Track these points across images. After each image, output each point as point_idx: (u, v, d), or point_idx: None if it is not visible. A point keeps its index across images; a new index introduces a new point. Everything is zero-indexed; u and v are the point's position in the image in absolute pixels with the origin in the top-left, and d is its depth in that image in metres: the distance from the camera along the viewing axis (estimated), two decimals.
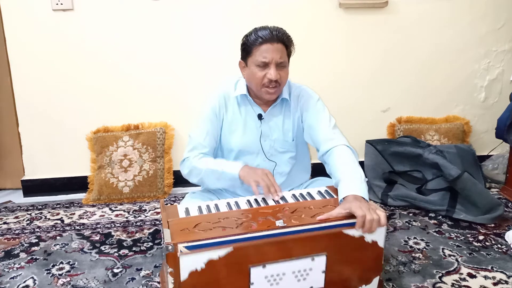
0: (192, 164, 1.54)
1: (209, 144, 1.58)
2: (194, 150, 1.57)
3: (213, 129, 1.60)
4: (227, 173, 1.46)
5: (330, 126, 1.54)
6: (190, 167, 1.55)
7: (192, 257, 1.10)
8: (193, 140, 1.59)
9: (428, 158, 2.27)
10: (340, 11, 2.51)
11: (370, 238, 1.23)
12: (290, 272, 1.19)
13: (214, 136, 1.60)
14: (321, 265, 1.21)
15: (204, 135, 1.58)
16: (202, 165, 1.52)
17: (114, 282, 1.65)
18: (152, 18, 2.42)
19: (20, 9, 2.35)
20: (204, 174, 1.52)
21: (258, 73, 1.49)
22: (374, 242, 1.24)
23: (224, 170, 1.47)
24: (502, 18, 2.64)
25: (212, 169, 1.49)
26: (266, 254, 1.16)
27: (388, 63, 2.63)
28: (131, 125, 2.55)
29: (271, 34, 1.46)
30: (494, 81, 2.75)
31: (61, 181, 2.59)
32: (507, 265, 1.71)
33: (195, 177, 1.56)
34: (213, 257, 1.11)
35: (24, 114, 2.50)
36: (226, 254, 1.12)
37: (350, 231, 1.20)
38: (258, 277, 1.17)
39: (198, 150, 1.57)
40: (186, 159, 1.58)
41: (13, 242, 1.98)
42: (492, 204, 2.06)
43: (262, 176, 1.40)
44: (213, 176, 1.50)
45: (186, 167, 1.57)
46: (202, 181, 1.55)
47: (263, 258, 1.16)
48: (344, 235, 1.21)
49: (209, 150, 1.58)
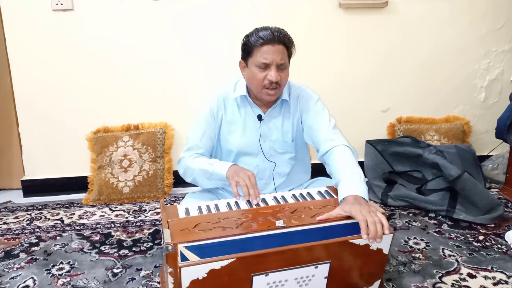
0: (187, 164, 1.56)
1: (205, 145, 1.59)
2: (189, 150, 1.59)
3: (210, 130, 1.60)
4: (216, 173, 1.47)
5: (330, 127, 1.54)
6: (184, 167, 1.58)
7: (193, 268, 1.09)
8: (190, 140, 1.60)
9: (428, 158, 2.27)
10: (340, 11, 2.51)
11: (376, 246, 1.21)
12: (293, 279, 1.18)
13: (211, 137, 1.61)
14: (324, 272, 1.20)
15: (200, 136, 1.59)
16: (195, 165, 1.53)
17: (114, 282, 1.65)
18: (152, 18, 2.42)
19: (20, 9, 2.35)
20: (197, 174, 1.53)
21: (258, 74, 1.48)
22: (379, 250, 1.22)
23: (214, 170, 1.47)
24: (502, 18, 2.64)
25: (204, 169, 1.50)
26: (269, 263, 1.14)
27: (388, 63, 2.63)
28: (131, 125, 2.55)
29: (272, 35, 1.45)
30: (494, 81, 2.75)
31: (61, 181, 2.59)
32: (507, 265, 1.71)
33: (189, 177, 1.58)
34: (215, 267, 1.10)
35: (24, 114, 2.50)
36: (228, 264, 1.10)
37: (356, 241, 1.18)
38: (260, 284, 1.16)
39: (194, 151, 1.58)
40: (182, 158, 1.60)
41: (13, 242, 1.98)
42: (492, 204, 2.06)
43: (244, 177, 1.38)
44: (204, 176, 1.51)
45: (181, 167, 1.60)
46: (195, 180, 1.57)
47: (266, 267, 1.15)
48: (350, 244, 1.18)
49: (204, 150, 1.59)
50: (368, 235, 1.15)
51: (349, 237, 1.18)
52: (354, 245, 1.19)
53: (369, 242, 1.17)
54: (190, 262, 1.09)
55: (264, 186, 1.66)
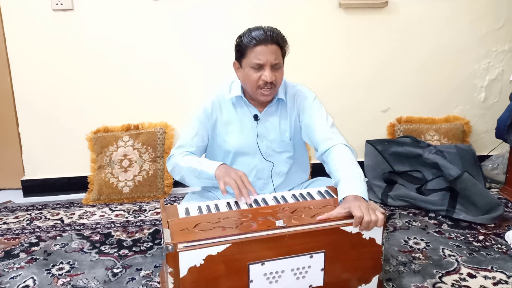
0: (176, 161, 1.55)
1: (196, 144, 1.59)
2: (180, 148, 1.59)
3: (202, 130, 1.60)
4: (205, 172, 1.46)
5: (328, 125, 1.54)
6: (173, 164, 1.57)
7: (191, 252, 1.10)
8: (181, 139, 1.61)
9: (428, 158, 2.27)
10: (340, 11, 2.51)
11: (368, 235, 1.23)
12: (289, 270, 1.20)
13: (203, 137, 1.61)
14: (319, 262, 1.21)
15: (193, 135, 1.59)
16: (184, 163, 1.52)
17: (114, 282, 1.65)
18: (152, 18, 2.42)
19: (20, 9, 2.35)
20: (185, 172, 1.52)
21: (253, 75, 1.48)
22: (371, 239, 1.24)
23: (203, 169, 1.47)
24: (502, 18, 2.64)
25: (192, 168, 1.49)
26: (264, 250, 1.16)
27: (388, 63, 2.63)
28: (131, 125, 2.55)
29: (265, 35, 1.45)
30: (494, 81, 2.75)
31: (61, 181, 2.59)
32: (507, 265, 1.71)
33: (177, 175, 1.57)
34: (211, 253, 1.12)
35: (24, 114, 2.50)
36: (224, 249, 1.12)
37: (347, 228, 1.21)
38: (257, 275, 1.17)
39: (184, 149, 1.58)
40: (172, 156, 1.59)
41: (13, 242, 1.98)
42: (492, 204, 2.06)
43: (235, 177, 1.38)
44: (192, 174, 1.50)
45: (170, 164, 1.59)
46: (183, 179, 1.56)
47: (261, 254, 1.16)
48: (341, 231, 1.21)
49: (195, 149, 1.59)
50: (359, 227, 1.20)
51: (340, 224, 1.21)
52: (346, 233, 1.21)
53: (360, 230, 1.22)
54: (188, 247, 1.10)
55: (263, 186, 1.66)
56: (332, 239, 1.21)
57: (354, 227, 1.20)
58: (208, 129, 1.62)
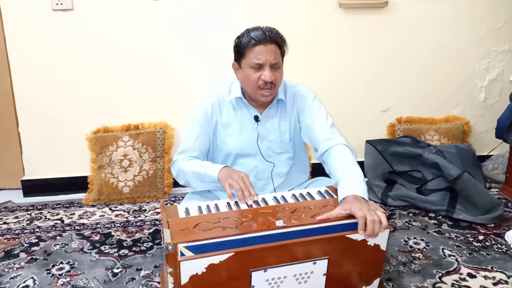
0: (180, 166, 1.57)
1: (199, 148, 1.60)
2: (183, 153, 1.60)
3: (203, 133, 1.61)
4: (208, 176, 1.48)
5: (328, 126, 1.54)
6: (177, 169, 1.58)
7: (193, 262, 1.09)
8: (183, 143, 1.61)
9: (428, 158, 2.27)
10: (340, 11, 2.51)
11: (373, 242, 1.22)
12: (291, 275, 1.19)
13: (204, 140, 1.61)
14: (322, 268, 1.21)
15: (194, 139, 1.59)
16: (187, 168, 1.53)
17: (114, 282, 1.65)
18: (152, 18, 2.42)
19: (20, 9, 2.35)
20: (189, 176, 1.54)
21: (252, 75, 1.48)
22: (376, 246, 1.23)
23: (206, 173, 1.48)
24: (502, 18, 2.64)
25: (196, 172, 1.51)
26: (268, 259, 1.15)
27: (388, 63, 2.63)
28: (131, 125, 2.55)
29: (264, 35, 1.45)
30: (494, 81, 2.75)
31: (61, 181, 2.59)
32: (507, 265, 1.71)
33: (181, 179, 1.59)
34: (214, 262, 1.11)
35: (24, 114, 2.50)
36: (227, 259, 1.11)
37: (353, 235, 1.19)
38: (260, 281, 1.17)
39: (187, 153, 1.59)
40: (175, 161, 1.60)
41: (13, 242, 1.98)
42: (492, 204, 2.06)
43: (238, 179, 1.39)
44: (196, 178, 1.52)
45: (175, 169, 1.60)
46: (188, 183, 1.58)
47: (265, 262, 1.15)
48: (347, 239, 1.19)
49: (198, 153, 1.60)
50: (365, 231, 1.17)
51: (346, 232, 1.19)
52: (351, 240, 1.20)
53: (365, 238, 1.19)
54: (189, 257, 1.09)
55: (263, 187, 1.66)
56: (336, 247, 1.20)
57: (360, 230, 1.17)
58: (209, 132, 1.62)
